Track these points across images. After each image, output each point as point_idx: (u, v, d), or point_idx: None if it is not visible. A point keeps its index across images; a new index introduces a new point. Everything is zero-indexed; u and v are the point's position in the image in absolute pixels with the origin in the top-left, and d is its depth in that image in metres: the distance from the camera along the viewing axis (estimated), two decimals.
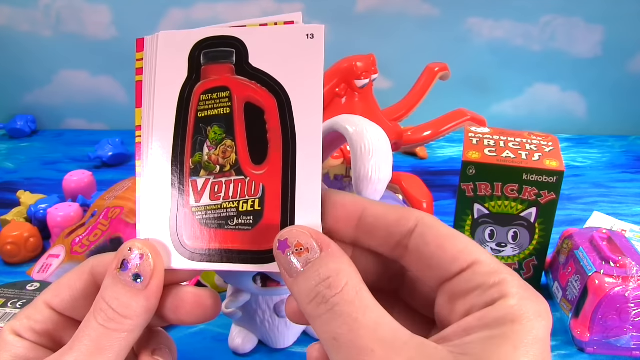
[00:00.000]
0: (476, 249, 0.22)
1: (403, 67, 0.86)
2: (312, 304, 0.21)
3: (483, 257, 0.22)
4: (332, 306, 0.21)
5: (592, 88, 0.96)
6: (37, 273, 0.53)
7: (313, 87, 0.25)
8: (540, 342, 0.20)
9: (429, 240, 0.23)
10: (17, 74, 0.98)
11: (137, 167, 0.26)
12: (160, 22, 0.93)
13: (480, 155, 0.52)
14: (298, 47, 0.25)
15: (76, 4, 0.92)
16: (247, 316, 0.45)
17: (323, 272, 0.21)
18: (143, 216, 0.26)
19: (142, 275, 0.24)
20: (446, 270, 0.22)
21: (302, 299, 0.22)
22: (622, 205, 0.72)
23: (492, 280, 0.21)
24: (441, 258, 0.22)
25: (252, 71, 0.25)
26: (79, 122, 1.02)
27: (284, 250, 0.23)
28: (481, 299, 0.21)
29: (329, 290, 0.21)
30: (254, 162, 0.25)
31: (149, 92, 0.26)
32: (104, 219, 0.56)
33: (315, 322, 0.21)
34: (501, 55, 0.92)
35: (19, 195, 0.69)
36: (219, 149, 0.25)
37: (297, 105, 0.25)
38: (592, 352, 0.47)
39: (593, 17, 0.90)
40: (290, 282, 0.22)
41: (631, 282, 0.45)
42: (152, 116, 0.26)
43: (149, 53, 0.26)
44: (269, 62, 0.25)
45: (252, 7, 0.92)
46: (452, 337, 0.20)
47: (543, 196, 0.50)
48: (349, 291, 0.21)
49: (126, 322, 0.24)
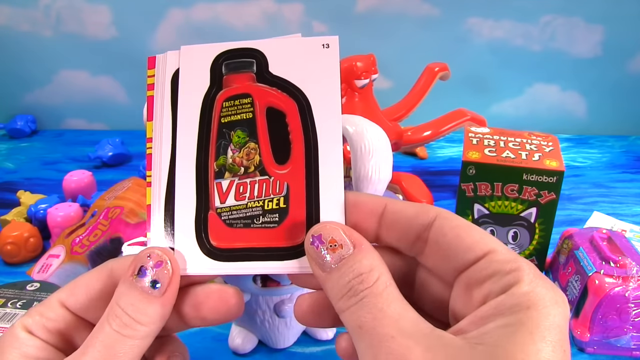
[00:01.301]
0: (492, 239, 0.23)
1: (403, 67, 0.86)
2: (344, 298, 0.22)
3: (499, 246, 0.22)
4: (361, 298, 0.21)
5: (592, 88, 0.96)
6: (37, 273, 0.53)
7: (331, 91, 0.26)
8: (557, 327, 0.19)
9: (446, 231, 0.23)
10: (17, 74, 0.98)
11: (148, 177, 0.27)
12: (160, 22, 0.93)
13: (480, 155, 0.52)
14: (315, 56, 0.27)
15: (76, 4, 0.92)
16: (247, 316, 0.45)
17: (357, 269, 0.22)
18: (157, 224, 0.27)
19: (160, 282, 0.24)
20: (463, 260, 0.22)
21: (334, 293, 0.22)
22: (622, 205, 0.72)
23: (507, 267, 0.21)
24: (458, 247, 0.23)
25: (272, 79, 0.27)
26: (79, 122, 1.02)
27: (317, 245, 0.23)
28: (497, 285, 0.21)
29: (361, 285, 0.22)
30: (278, 162, 0.26)
31: (160, 105, 0.27)
32: (104, 219, 0.56)
33: (344, 313, 0.22)
34: (501, 55, 0.92)
35: (19, 195, 0.69)
36: (242, 152, 0.26)
37: (317, 107, 0.26)
38: (592, 352, 0.47)
39: (593, 17, 0.90)
40: (323, 277, 0.23)
41: (631, 282, 0.45)
42: (164, 125, 0.27)
43: (160, 70, 0.28)
44: (288, 70, 0.27)
45: (252, 7, 0.92)
46: (468, 328, 0.21)
47: (543, 196, 0.50)
48: (379, 285, 0.22)
49: (141, 328, 0.24)
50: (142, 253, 0.25)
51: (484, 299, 0.21)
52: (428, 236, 0.24)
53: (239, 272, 0.26)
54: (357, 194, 0.25)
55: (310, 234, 0.24)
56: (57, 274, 0.52)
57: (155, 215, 0.27)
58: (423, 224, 0.24)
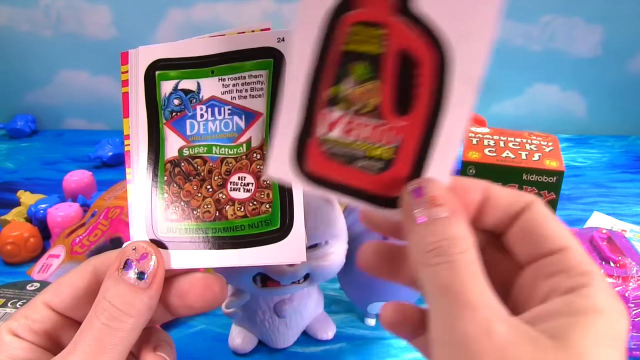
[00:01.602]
0: (572, 237, 0.23)
1: None
2: (430, 254, 0.22)
3: (577, 246, 0.23)
4: (452, 260, 0.21)
5: (592, 88, 0.96)
6: (37, 273, 0.53)
7: (478, 54, 0.23)
8: (624, 338, 0.20)
9: (536, 216, 0.24)
10: (18, 74, 0.98)
11: (128, 175, 0.28)
12: (160, 22, 0.93)
13: (480, 155, 0.52)
14: (473, 4, 0.22)
15: (76, 4, 0.92)
16: (247, 316, 0.45)
17: (448, 232, 0.22)
18: (138, 219, 0.27)
19: (146, 273, 0.25)
20: (542, 247, 0.23)
21: (420, 246, 0.22)
22: (622, 205, 0.72)
23: (581, 268, 0.22)
24: (541, 235, 0.23)
25: (417, 16, 0.22)
26: (79, 122, 1.02)
27: (417, 196, 0.23)
28: (566, 282, 0.21)
29: (451, 248, 0.22)
30: (397, 111, 0.24)
31: (135, 102, 0.28)
32: (104, 219, 0.56)
33: (427, 269, 0.22)
34: (501, 55, 0.92)
35: (19, 195, 0.69)
36: (362, 87, 0.24)
37: (458, 68, 0.23)
38: None
39: (593, 17, 0.90)
40: (411, 228, 0.23)
41: (631, 282, 0.45)
42: (139, 122, 0.28)
43: (133, 65, 0.28)
44: (438, 11, 0.22)
45: (252, 7, 0.92)
46: (538, 320, 0.21)
47: (543, 196, 0.50)
48: (469, 255, 0.22)
49: (129, 320, 0.24)
50: (127, 247, 0.26)
51: (548, 293, 0.22)
52: (519, 219, 0.24)
53: (327, 194, 0.25)
54: (459, 180, 0.25)
55: (415, 183, 0.23)
56: (57, 274, 0.52)
57: (135, 211, 0.27)
58: (518, 208, 0.24)
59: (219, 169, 0.29)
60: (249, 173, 0.29)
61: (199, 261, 0.27)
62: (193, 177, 0.29)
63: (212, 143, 0.29)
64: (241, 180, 0.29)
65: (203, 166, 0.29)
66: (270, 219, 0.28)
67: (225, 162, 0.29)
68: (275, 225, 0.28)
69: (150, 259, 0.25)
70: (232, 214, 0.28)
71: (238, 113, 0.29)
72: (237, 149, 0.29)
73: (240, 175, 0.29)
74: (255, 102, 0.29)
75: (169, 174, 0.29)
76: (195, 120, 0.29)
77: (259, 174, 0.28)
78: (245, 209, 0.28)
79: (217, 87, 0.29)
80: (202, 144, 0.29)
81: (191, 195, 0.29)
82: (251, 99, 0.29)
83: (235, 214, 0.28)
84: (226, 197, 0.28)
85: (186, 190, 0.29)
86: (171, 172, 0.29)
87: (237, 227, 0.28)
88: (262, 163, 0.28)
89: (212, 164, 0.29)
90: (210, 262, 0.27)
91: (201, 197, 0.28)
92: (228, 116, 0.29)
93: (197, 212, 0.28)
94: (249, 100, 0.29)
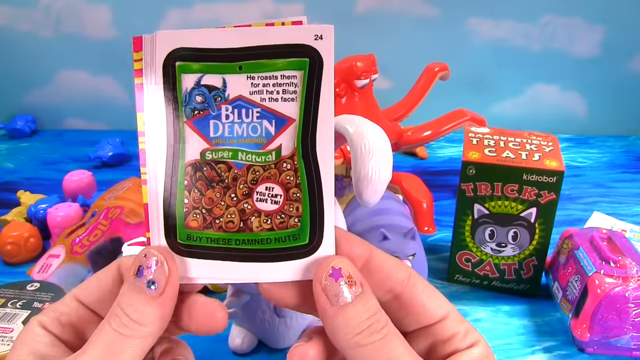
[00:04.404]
0: (448, 303, 0.26)
1: (403, 67, 0.86)
2: (364, 334, 0.23)
3: (452, 309, 0.26)
4: (384, 335, 0.23)
5: (592, 88, 0.96)
6: (37, 273, 0.53)
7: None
8: None
9: (420, 289, 0.25)
10: (17, 74, 0.98)
11: (143, 175, 0.26)
12: (160, 22, 0.93)
13: (480, 155, 0.52)
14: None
15: (76, 4, 0.92)
16: (247, 316, 0.45)
17: (371, 307, 0.23)
18: (155, 223, 0.26)
19: (157, 282, 0.24)
20: (430, 317, 0.25)
21: (350, 328, 0.23)
22: (622, 205, 0.72)
23: (463, 328, 0.25)
24: (428, 306, 0.25)
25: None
26: (79, 122, 1.02)
27: (337, 278, 0.24)
28: (462, 343, 0.25)
29: (378, 323, 0.23)
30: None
31: (152, 94, 0.26)
32: (104, 219, 0.56)
33: (365, 348, 0.23)
34: (501, 55, 0.92)
35: (19, 195, 0.69)
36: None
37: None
38: (592, 352, 0.47)
39: (593, 17, 0.90)
40: (334, 311, 0.23)
41: (631, 282, 0.45)
42: (157, 116, 0.26)
43: (149, 52, 0.25)
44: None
45: (252, 7, 0.92)
46: None
47: (543, 196, 0.50)
48: (391, 325, 0.24)
49: (140, 328, 0.24)
50: (140, 253, 0.25)
51: (446, 355, 0.24)
52: (403, 290, 0.25)
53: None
54: (347, 233, 0.26)
55: (331, 265, 0.24)
56: (57, 274, 0.52)
57: (153, 214, 0.26)
58: (400, 277, 0.25)
59: (245, 177, 0.27)
60: (277, 184, 0.27)
61: (221, 273, 0.26)
62: (216, 184, 0.26)
63: (237, 148, 0.27)
64: (269, 191, 0.26)
65: (227, 172, 0.26)
66: (298, 233, 0.26)
67: (252, 170, 0.26)
68: (303, 241, 0.26)
69: (161, 267, 0.24)
70: (258, 226, 0.26)
71: (268, 117, 0.26)
72: (266, 157, 0.26)
73: (268, 185, 0.27)
74: (287, 106, 0.26)
75: (189, 177, 0.26)
76: (220, 121, 0.26)
77: (288, 185, 0.26)
78: (272, 222, 0.26)
79: (245, 85, 0.26)
80: (227, 147, 0.27)
81: (213, 202, 0.26)
82: (283, 102, 0.26)
83: (261, 226, 0.26)
84: (252, 208, 0.26)
85: (208, 197, 0.26)
86: (192, 176, 0.26)
87: (262, 240, 0.26)
88: (291, 174, 0.27)
89: (237, 170, 0.26)
90: (233, 276, 0.26)
91: (224, 205, 0.26)
92: (256, 119, 0.26)
93: (219, 222, 0.26)
94: (281, 103, 0.26)
